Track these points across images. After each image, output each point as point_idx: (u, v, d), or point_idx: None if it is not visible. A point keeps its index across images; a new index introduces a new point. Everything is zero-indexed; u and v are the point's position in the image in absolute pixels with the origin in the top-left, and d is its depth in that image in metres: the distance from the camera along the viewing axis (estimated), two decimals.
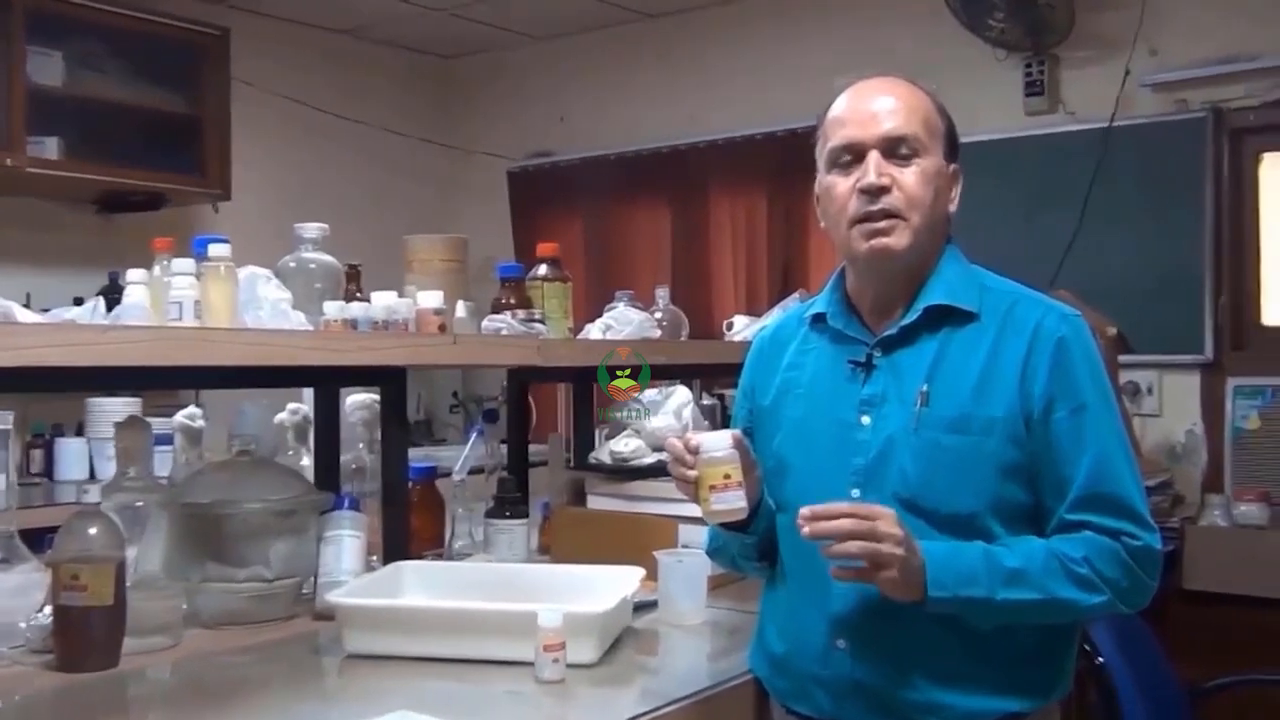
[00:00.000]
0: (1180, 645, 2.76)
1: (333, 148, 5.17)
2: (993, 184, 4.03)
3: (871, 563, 1.37)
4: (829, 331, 1.61)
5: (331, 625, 1.84)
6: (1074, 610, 1.45)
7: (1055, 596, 1.42)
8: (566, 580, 1.96)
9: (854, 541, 1.37)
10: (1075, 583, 1.42)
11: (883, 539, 1.37)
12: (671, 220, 5.21)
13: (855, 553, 1.36)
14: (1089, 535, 1.44)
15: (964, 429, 1.46)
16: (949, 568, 1.40)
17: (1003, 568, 1.41)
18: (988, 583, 1.41)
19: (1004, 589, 1.41)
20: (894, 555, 1.37)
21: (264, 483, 1.99)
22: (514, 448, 2.73)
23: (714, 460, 1.49)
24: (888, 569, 1.37)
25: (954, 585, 1.40)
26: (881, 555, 1.37)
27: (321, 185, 5.03)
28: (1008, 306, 1.52)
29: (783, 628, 1.60)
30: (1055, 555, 1.43)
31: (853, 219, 1.52)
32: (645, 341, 2.56)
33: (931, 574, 1.39)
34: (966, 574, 1.41)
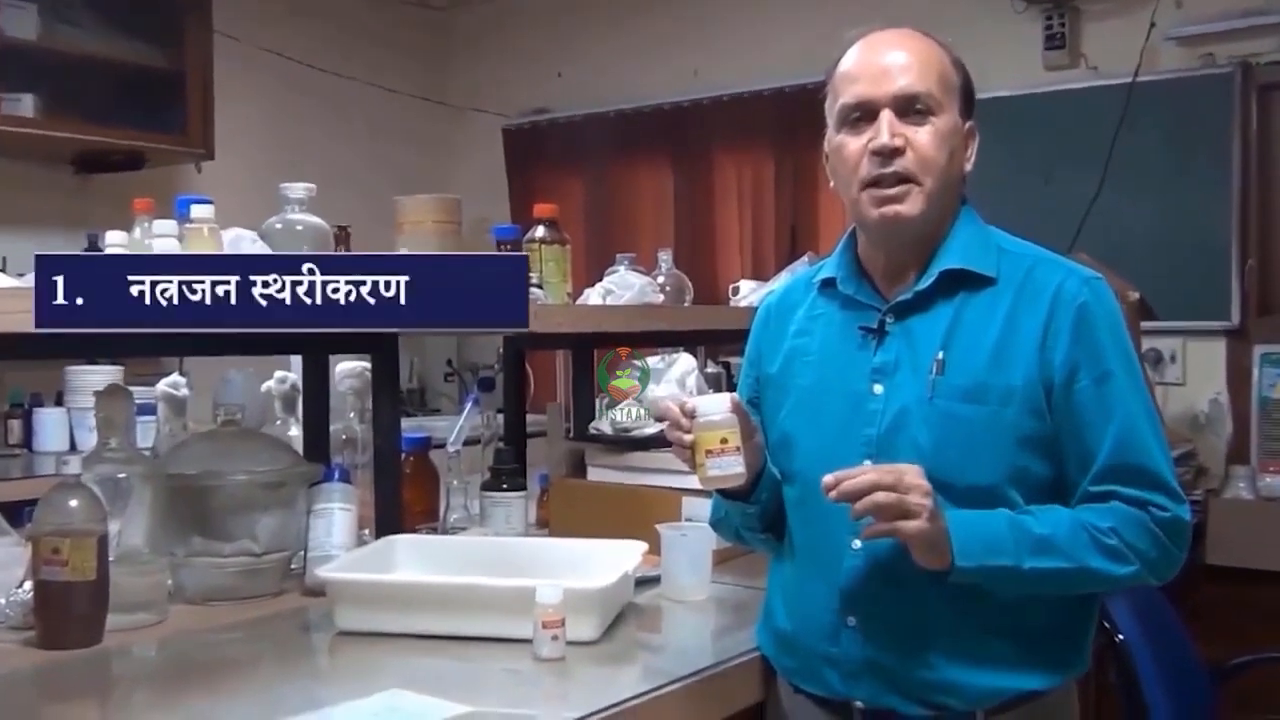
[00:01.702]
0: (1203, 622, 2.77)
1: (321, 104, 5.15)
2: (1010, 143, 4.01)
3: (899, 514, 1.37)
4: (839, 297, 1.61)
5: (322, 601, 1.84)
6: (1102, 580, 1.45)
7: (1084, 565, 1.42)
8: (566, 555, 1.97)
9: (880, 492, 1.36)
10: (1104, 553, 1.42)
11: (909, 489, 1.37)
12: (674, 180, 5.19)
13: (882, 503, 1.36)
14: (1116, 505, 1.44)
15: (980, 398, 1.45)
16: (975, 535, 1.41)
17: (1030, 535, 1.41)
18: (1015, 551, 1.41)
19: (1031, 557, 1.41)
20: (921, 505, 1.37)
21: (251, 454, 1.99)
22: (510, 418, 2.73)
23: (711, 424, 1.49)
24: (916, 518, 1.37)
25: (980, 554, 1.40)
26: (908, 504, 1.37)
27: (309, 144, 5.00)
28: (1026, 270, 1.52)
29: (790, 604, 1.60)
30: (1083, 525, 1.43)
31: (864, 182, 1.52)
32: (647, 307, 2.55)
33: (957, 543, 1.40)
34: (993, 542, 1.41)
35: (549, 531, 2.43)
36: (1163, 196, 3.99)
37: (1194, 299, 3.95)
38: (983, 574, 1.41)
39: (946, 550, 1.40)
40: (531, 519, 2.50)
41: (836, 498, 1.38)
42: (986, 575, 1.41)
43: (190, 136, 4.34)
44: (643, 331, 2.55)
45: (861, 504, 1.37)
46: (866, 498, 1.37)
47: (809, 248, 4.25)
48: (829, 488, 1.38)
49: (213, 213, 1.89)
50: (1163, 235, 3.98)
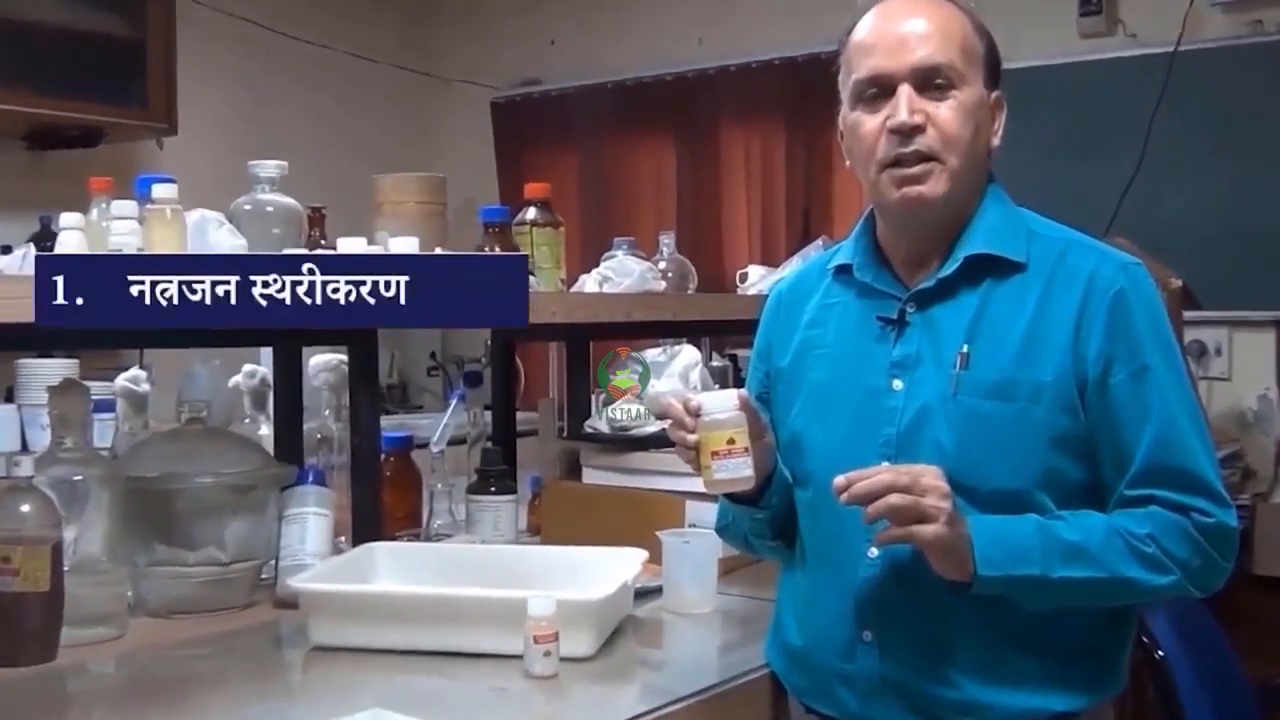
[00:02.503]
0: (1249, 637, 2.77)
1: (293, 75, 5.15)
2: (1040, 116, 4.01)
3: (915, 518, 1.37)
4: (855, 284, 1.61)
5: (295, 614, 1.85)
6: (1139, 591, 1.45)
7: (1119, 575, 1.42)
8: (559, 564, 1.97)
9: (895, 495, 1.36)
10: (1141, 561, 1.42)
11: (926, 491, 1.37)
12: (677, 157, 5.19)
13: (896, 505, 1.36)
14: (1155, 510, 1.44)
15: (1008, 395, 1.45)
16: (999, 542, 1.41)
17: (1060, 542, 1.41)
18: (1043, 559, 1.41)
19: (1061, 566, 1.41)
20: (939, 508, 1.37)
21: (218, 454, 1.99)
22: (499, 415, 2.73)
23: (716, 423, 1.49)
24: (932, 522, 1.37)
25: (1005, 562, 1.40)
26: (924, 508, 1.37)
27: (280, 118, 5.00)
28: (1058, 255, 1.52)
29: (802, 617, 1.61)
30: (1118, 531, 1.43)
31: (882, 162, 1.52)
32: (647, 295, 2.56)
33: (980, 550, 1.39)
34: (1019, 549, 1.41)
35: (541, 539, 2.44)
36: (1207, 176, 4.00)
37: (1241, 286, 3.96)
38: (1008, 584, 1.41)
39: (968, 558, 1.40)
40: (522, 525, 2.50)
41: (848, 500, 1.38)
42: (1012, 586, 1.41)
43: (151, 110, 4.33)
44: (642, 322, 2.55)
45: (874, 507, 1.37)
46: (880, 500, 1.37)
47: (823, 231, 4.25)
48: (840, 490, 1.38)
49: (176, 193, 1.89)
50: (1207, 218, 3.98)
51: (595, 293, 2.52)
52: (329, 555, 2.02)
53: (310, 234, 2.31)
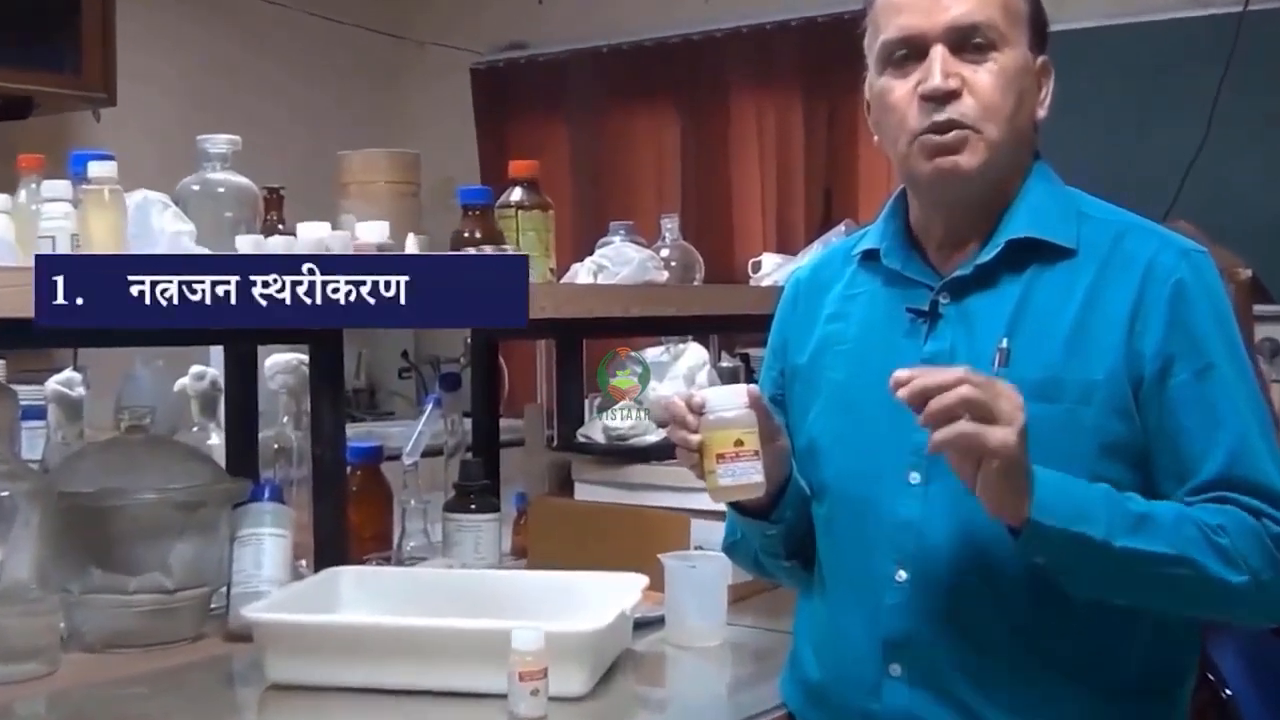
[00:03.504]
0: None
1: (246, 39, 5.15)
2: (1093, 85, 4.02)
3: (985, 418, 1.32)
4: (883, 272, 1.62)
5: (249, 648, 1.85)
6: (1208, 584, 1.41)
7: (1190, 558, 1.39)
8: (548, 591, 1.97)
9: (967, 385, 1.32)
10: (1215, 552, 1.40)
11: (1000, 395, 1.34)
12: (682, 131, 5.20)
13: (969, 397, 1.31)
14: (1227, 507, 1.43)
15: (1054, 396, 1.46)
16: (1063, 493, 1.38)
17: (1126, 510, 1.40)
18: (1107, 522, 1.38)
19: (1127, 534, 1.38)
20: (1014, 414, 1.33)
21: (161, 467, 1.99)
22: (480, 423, 2.73)
23: (723, 421, 1.49)
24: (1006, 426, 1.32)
25: (1065, 515, 1.37)
26: (998, 408, 1.32)
27: (232, 87, 5.01)
28: (1112, 240, 1.52)
29: (822, 649, 1.61)
30: (1190, 518, 1.41)
31: (913, 133, 1.52)
32: (648, 287, 2.56)
33: (1041, 494, 1.36)
34: (1082, 506, 1.38)
35: (527, 562, 2.44)
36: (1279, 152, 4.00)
37: None
38: (1062, 544, 1.38)
39: (1025, 495, 1.36)
40: (506, 547, 2.51)
41: (908, 396, 1.33)
42: (1067, 547, 1.38)
43: (86, 77, 4.33)
44: (642, 317, 2.55)
45: (939, 401, 1.32)
46: (949, 392, 1.32)
47: (846, 214, 4.25)
48: (900, 382, 1.34)
49: (115, 171, 1.89)
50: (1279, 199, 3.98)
51: (589, 284, 2.52)
52: (288, 581, 2.02)
53: (266, 218, 2.31)
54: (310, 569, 2.13)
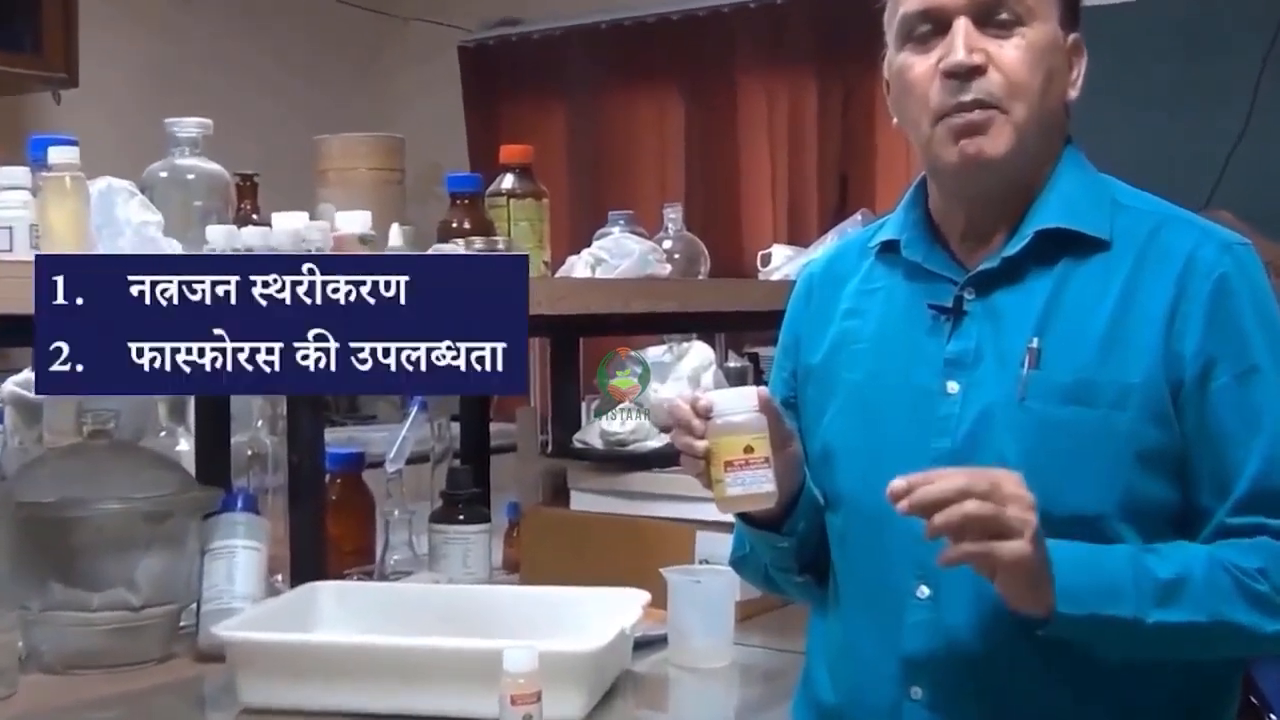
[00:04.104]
0: None
1: (216, 15, 5.15)
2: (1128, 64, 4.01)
3: (994, 532, 1.34)
4: (903, 265, 1.62)
5: (221, 669, 1.85)
6: (1247, 641, 1.44)
7: (1224, 620, 1.41)
8: (542, 608, 1.98)
9: (972, 501, 1.33)
10: (1251, 602, 1.41)
11: (1008, 500, 1.35)
12: (686, 114, 5.20)
13: (974, 514, 1.33)
14: (1266, 542, 1.44)
15: (1087, 399, 1.46)
16: (1087, 574, 1.39)
17: (1155, 579, 1.41)
18: (1135, 598, 1.40)
19: (1157, 608, 1.40)
20: (1025, 521, 1.34)
21: (127, 475, 1.99)
22: (469, 427, 2.73)
23: (731, 426, 1.49)
24: (1016, 538, 1.34)
25: (1092, 599, 1.39)
26: (1007, 519, 1.34)
27: (202, 67, 5.00)
28: (1149, 231, 1.52)
29: (837, 670, 1.61)
30: (1223, 566, 1.42)
31: (936, 113, 1.52)
32: (650, 281, 2.56)
33: (1063, 581, 1.38)
34: (1109, 585, 1.40)
35: (520, 577, 2.44)
36: None
37: None
38: (1091, 626, 1.40)
39: (1048, 589, 1.38)
40: (497, 560, 2.51)
41: (908, 509, 1.35)
42: (1096, 628, 1.40)
43: (46, 57, 4.33)
44: (644, 313, 2.55)
45: (943, 517, 1.34)
46: (952, 508, 1.34)
47: (863, 203, 4.26)
48: (898, 494, 1.35)
49: (77, 157, 1.89)
50: None
51: (586, 278, 2.53)
52: (262, 597, 2.02)
53: (239, 207, 2.31)
54: (286, 584, 2.13)
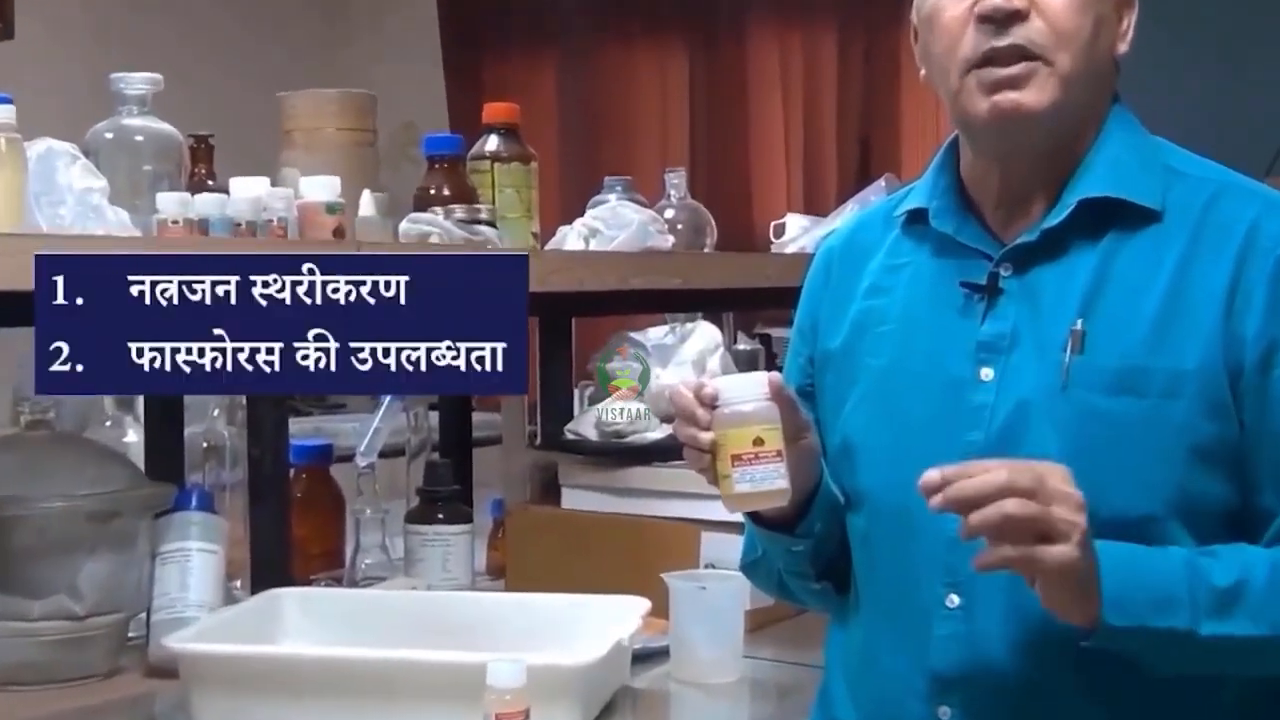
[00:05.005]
0: None
1: None
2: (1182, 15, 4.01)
3: (1038, 535, 1.33)
4: (933, 237, 1.61)
5: (174, 685, 1.85)
6: None
7: None
8: (531, 617, 1.98)
9: (1014, 500, 1.32)
10: None
11: (1054, 499, 1.34)
12: (691, 70, 5.19)
13: (1016, 515, 1.32)
14: None
15: (1137, 388, 1.46)
16: (1137, 582, 1.39)
17: (1211, 587, 1.40)
18: (1189, 608, 1.39)
19: (1212, 619, 1.39)
20: (1072, 523, 1.33)
21: (69, 470, 1.99)
22: (449, 417, 2.73)
23: (740, 416, 1.49)
24: (1063, 541, 1.33)
25: (1142, 610, 1.38)
26: (1054, 520, 1.33)
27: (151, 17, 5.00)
28: (1206, 201, 1.52)
29: (857, 687, 1.62)
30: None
31: (968, 62, 1.51)
32: (650, 255, 2.56)
33: (1110, 590, 1.37)
34: (1161, 593, 1.39)
35: (505, 583, 2.44)
36: None
37: None
38: (1139, 639, 1.39)
39: (1094, 597, 1.38)
40: (480, 565, 2.51)
41: (942, 505, 1.34)
42: (1145, 641, 1.40)
43: None
44: (643, 290, 2.55)
45: (980, 516, 1.33)
46: (991, 507, 1.33)
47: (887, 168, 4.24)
48: (931, 488, 1.35)
49: (13, 116, 1.89)
50: None
51: (579, 251, 2.53)
52: (219, 606, 2.03)
53: (193, 172, 2.31)
54: (246, 591, 2.13)
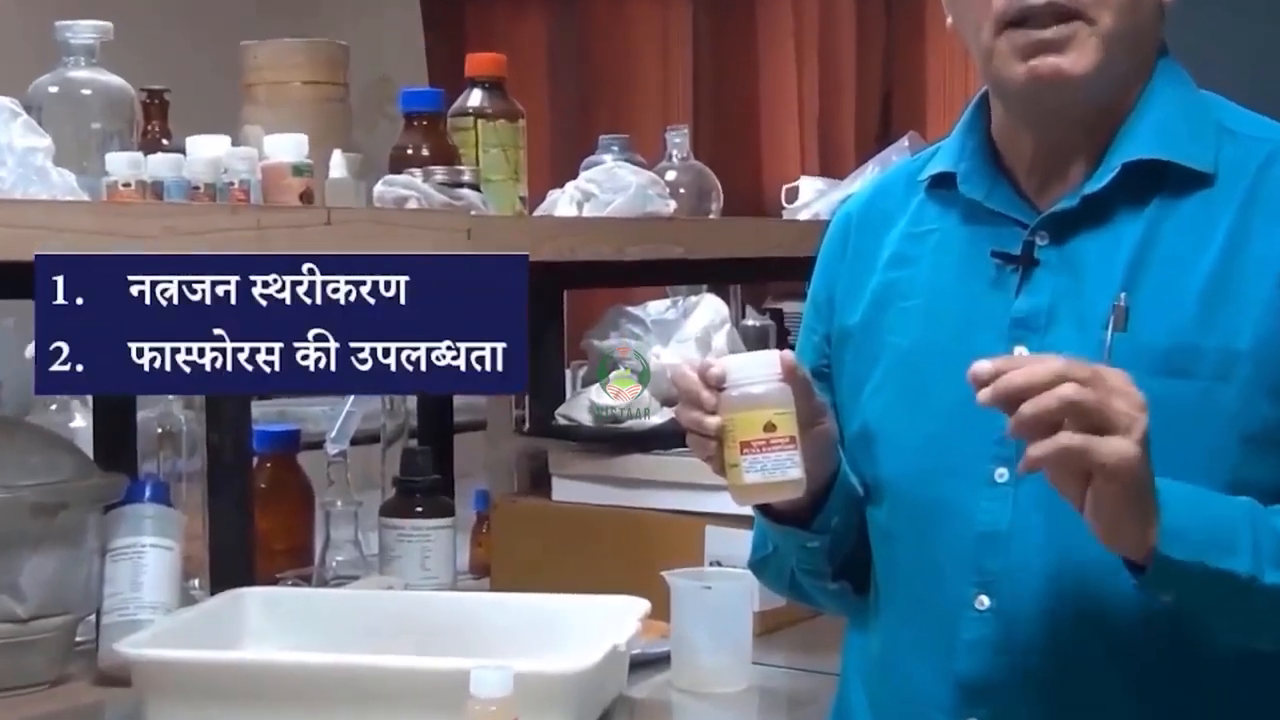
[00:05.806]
0: None
1: None
2: None
3: (1095, 426, 1.30)
4: (961, 203, 1.62)
5: (127, 693, 1.86)
6: None
7: None
8: (518, 619, 1.98)
9: (1070, 385, 1.30)
10: None
11: (1113, 393, 1.32)
12: (694, 19, 5.19)
13: (1073, 399, 1.29)
14: None
15: (1187, 369, 1.46)
16: (1198, 515, 1.38)
17: (1277, 534, 1.40)
18: (1252, 552, 1.38)
19: (1277, 568, 1.38)
20: (1134, 417, 1.31)
21: (11, 458, 1.99)
22: (428, 400, 2.73)
23: (749, 399, 1.49)
24: (1122, 434, 1.31)
25: (1202, 545, 1.36)
26: (1111, 414, 1.31)
27: None
28: (1263, 162, 1.52)
29: (878, 695, 1.62)
30: None
31: (1001, 20, 1.51)
32: (650, 221, 2.56)
33: (1169, 518, 1.35)
34: (1223, 532, 1.38)
35: (491, 582, 2.45)
36: None
37: None
38: (1197, 580, 1.38)
39: (1150, 520, 1.35)
40: (463, 562, 2.51)
41: (991, 398, 1.33)
42: (1202, 584, 1.38)
43: None
44: (642, 261, 2.55)
45: (1035, 404, 1.30)
46: (1047, 393, 1.30)
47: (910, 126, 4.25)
48: (981, 379, 1.33)
49: None
50: None
51: (572, 217, 2.52)
52: (176, 607, 2.03)
53: (146, 129, 2.31)
54: (205, 591, 2.13)
